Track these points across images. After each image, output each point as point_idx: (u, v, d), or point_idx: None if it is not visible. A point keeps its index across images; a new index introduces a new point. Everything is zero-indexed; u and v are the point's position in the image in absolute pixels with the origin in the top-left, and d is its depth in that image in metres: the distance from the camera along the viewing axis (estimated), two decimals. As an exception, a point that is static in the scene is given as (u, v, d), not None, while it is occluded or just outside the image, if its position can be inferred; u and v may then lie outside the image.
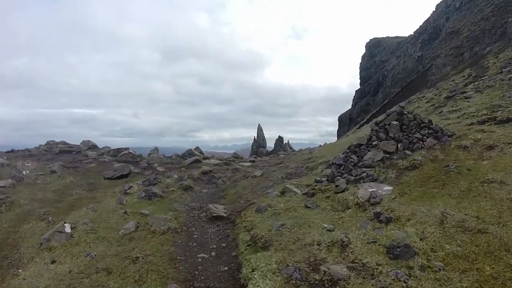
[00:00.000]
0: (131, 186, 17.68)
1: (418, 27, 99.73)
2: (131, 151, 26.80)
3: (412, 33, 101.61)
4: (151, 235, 12.34)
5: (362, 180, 13.49)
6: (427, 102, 34.46)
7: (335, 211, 11.98)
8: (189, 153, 25.25)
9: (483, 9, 72.15)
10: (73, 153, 28.28)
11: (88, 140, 32.01)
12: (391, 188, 12.48)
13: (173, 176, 19.54)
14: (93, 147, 31.13)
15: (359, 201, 11.80)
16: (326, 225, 10.64)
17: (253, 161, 23.97)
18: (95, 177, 21.32)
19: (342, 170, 15.23)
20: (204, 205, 15.90)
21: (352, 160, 15.43)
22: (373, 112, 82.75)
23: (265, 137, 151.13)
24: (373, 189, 12.40)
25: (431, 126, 16.16)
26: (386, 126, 15.84)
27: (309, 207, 12.57)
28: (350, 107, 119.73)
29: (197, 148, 29.27)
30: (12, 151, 29.26)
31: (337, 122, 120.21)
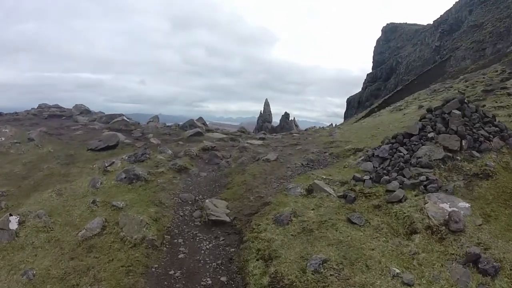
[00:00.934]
0: (113, 162, 13.61)
1: (438, 16, 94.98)
2: (125, 118, 22.56)
3: (432, 22, 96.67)
4: (118, 246, 8.32)
5: (423, 187, 9.32)
6: (460, 94, 30.11)
7: (395, 235, 7.75)
8: (190, 124, 20.80)
9: (510, 6, 68.69)
10: (63, 118, 24.14)
11: (81, 105, 27.72)
12: (468, 205, 8.39)
13: (166, 152, 15.34)
14: (86, 112, 26.87)
15: (431, 223, 7.64)
16: (395, 269, 6.44)
17: (263, 139, 19.67)
18: (77, 147, 17.15)
19: (389, 166, 11.03)
20: (200, 197, 11.71)
21: (401, 154, 11.19)
22: (385, 97, 78.33)
23: (271, 112, 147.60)
24: (446, 205, 8.26)
25: (495, 122, 11.96)
26: (445, 115, 11.58)
27: (354, 223, 8.31)
28: (359, 90, 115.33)
29: (200, 119, 25.08)
30: (0, 114, 25.11)
31: (345, 104, 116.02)
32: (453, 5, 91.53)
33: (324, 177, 11.62)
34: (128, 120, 22.32)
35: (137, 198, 10.82)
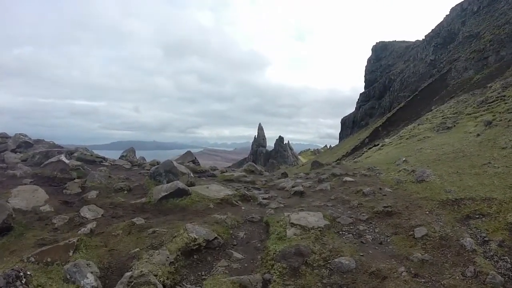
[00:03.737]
0: None
1: (429, 31, 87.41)
2: (63, 159, 12.36)
3: (423, 37, 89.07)
4: None
5: None
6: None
7: None
8: (168, 170, 9.97)
9: (506, 13, 62.28)
10: (-10, 154, 14.32)
11: (22, 135, 17.58)
12: None
13: (80, 279, 4.68)
14: (25, 145, 16.83)
15: None
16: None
17: (300, 193, 9.81)
18: None
19: None
20: None
21: None
22: (388, 115, 69.41)
23: (266, 136, 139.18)
24: None
25: None
26: None
27: None
28: (352, 110, 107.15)
29: (187, 155, 15.36)
30: None
31: (339, 124, 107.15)
32: (444, 18, 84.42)
33: None
34: (66, 162, 12.13)
35: None
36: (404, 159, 14.97)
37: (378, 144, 41.45)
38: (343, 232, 6.89)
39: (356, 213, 8.06)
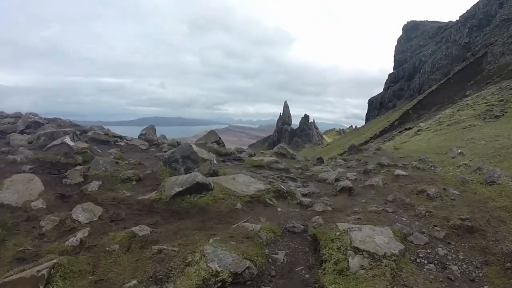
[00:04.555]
0: None
1: (464, 12, 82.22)
2: (68, 141, 10.40)
3: (457, 18, 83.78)
4: None
5: None
6: None
7: None
8: (186, 155, 7.98)
9: None
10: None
11: (31, 114, 15.78)
12: None
13: None
14: (35, 124, 15.01)
15: None
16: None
17: (348, 190, 7.67)
18: None
19: None
20: None
21: None
22: (420, 97, 65.97)
23: (291, 114, 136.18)
24: None
25: None
26: None
27: None
28: (380, 90, 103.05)
29: (211, 133, 13.44)
30: None
31: (366, 105, 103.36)
32: (480, -1, 79.09)
33: None
34: (71, 145, 10.21)
35: None
36: (459, 151, 12.66)
37: (410, 128, 38.72)
38: (421, 260, 4.84)
39: (427, 227, 5.98)
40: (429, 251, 5.20)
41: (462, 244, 5.49)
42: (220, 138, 13.43)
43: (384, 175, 9.52)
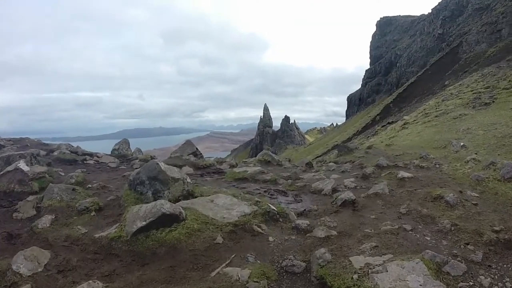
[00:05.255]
0: None
1: (435, 4, 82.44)
2: (22, 166, 8.48)
3: (429, 11, 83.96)
4: None
5: None
6: None
7: None
8: (153, 176, 6.19)
9: None
10: None
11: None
12: None
13: None
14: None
15: None
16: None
17: (352, 204, 6.25)
18: None
19: None
20: None
21: None
22: (399, 91, 65.56)
23: (271, 117, 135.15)
24: None
25: None
26: None
27: None
28: (358, 87, 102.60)
29: (187, 144, 11.91)
30: None
31: (345, 102, 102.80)
32: (451, -10, 79.37)
33: None
34: (26, 170, 8.55)
35: None
36: (461, 143, 11.43)
37: (393, 122, 37.80)
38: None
39: (458, 247, 4.64)
40: (471, 283, 3.86)
41: (505, 266, 4.19)
42: (197, 149, 11.93)
43: (387, 180, 8.19)
